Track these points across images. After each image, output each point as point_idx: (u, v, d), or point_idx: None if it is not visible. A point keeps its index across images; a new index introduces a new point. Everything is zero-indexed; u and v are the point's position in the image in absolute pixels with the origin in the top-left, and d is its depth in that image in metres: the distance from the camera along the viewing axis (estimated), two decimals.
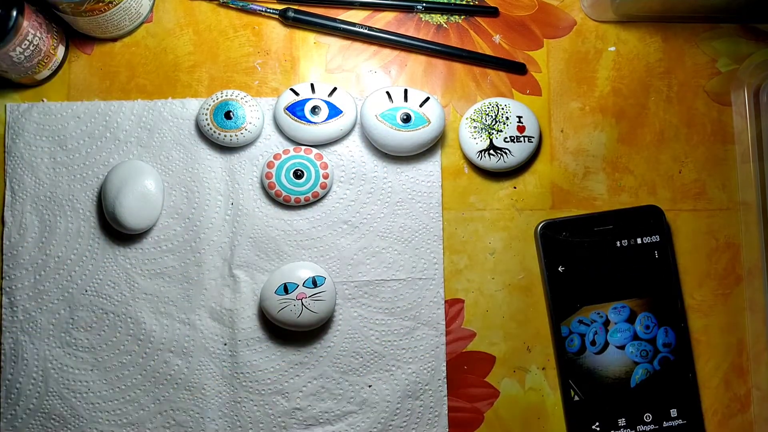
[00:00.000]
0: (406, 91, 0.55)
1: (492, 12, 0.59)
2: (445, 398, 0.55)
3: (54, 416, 0.54)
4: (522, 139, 0.56)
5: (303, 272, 0.54)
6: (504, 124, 0.56)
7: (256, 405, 0.54)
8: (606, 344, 0.54)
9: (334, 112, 0.55)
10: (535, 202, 0.57)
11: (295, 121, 0.55)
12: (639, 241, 0.55)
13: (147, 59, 0.58)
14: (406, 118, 0.55)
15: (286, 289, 0.53)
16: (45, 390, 0.54)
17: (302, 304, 0.53)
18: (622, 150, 0.58)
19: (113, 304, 0.55)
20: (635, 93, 0.58)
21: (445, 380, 0.55)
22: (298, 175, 0.55)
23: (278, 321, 0.53)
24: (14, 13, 0.51)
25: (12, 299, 0.55)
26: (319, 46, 0.58)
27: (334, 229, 0.56)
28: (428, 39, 0.58)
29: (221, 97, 0.55)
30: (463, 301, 0.56)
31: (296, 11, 0.57)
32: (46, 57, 0.55)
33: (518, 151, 0.56)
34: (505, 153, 0.55)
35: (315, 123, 0.55)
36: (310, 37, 0.58)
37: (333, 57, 0.58)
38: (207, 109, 0.55)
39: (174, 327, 0.55)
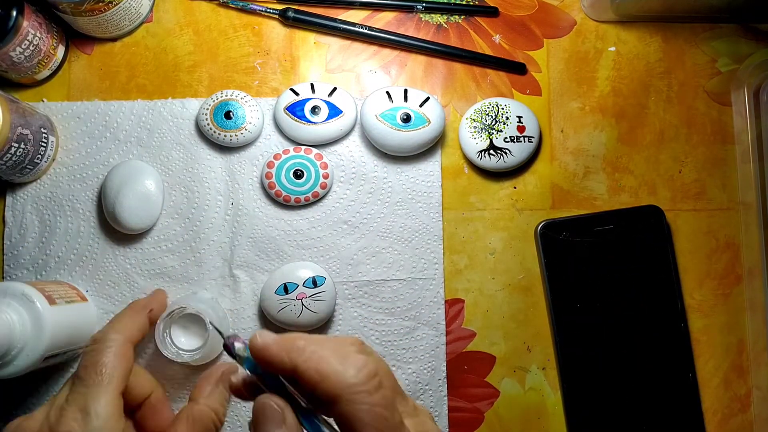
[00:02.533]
0: (406, 91, 0.55)
1: (492, 12, 0.59)
2: (445, 398, 0.55)
3: None
4: (522, 139, 0.56)
5: (303, 272, 0.54)
6: (504, 124, 0.56)
7: None
8: None
9: (334, 112, 0.55)
10: (535, 202, 0.57)
11: (295, 121, 0.55)
12: (639, 241, 0.55)
13: (147, 59, 0.58)
14: (406, 118, 0.55)
15: (286, 289, 0.53)
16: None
17: (302, 304, 0.53)
18: (622, 150, 0.58)
19: (113, 304, 0.55)
20: (635, 93, 0.58)
21: (445, 380, 0.55)
22: (298, 175, 0.55)
23: (278, 321, 0.53)
24: (14, 13, 0.51)
25: None
26: (319, 46, 0.58)
27: (334, 229, 0.56)
28: (428, 39, 0.58)
29: (221, 97, 0.55)
30: (463, 301, 0.56)
31: (296, 11, 0.57)
32: (46, 57, 0.55)
33: (518, 151, 0.56)
34: (505, 153, 0.55)
35: (315, 123, 0.55)
36: (310, 37, 0.58)
37: (333, 57, 0.58)
38: (207, 109, 0.55)
39: None
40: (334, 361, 0.34)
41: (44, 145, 0.54)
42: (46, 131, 0.54)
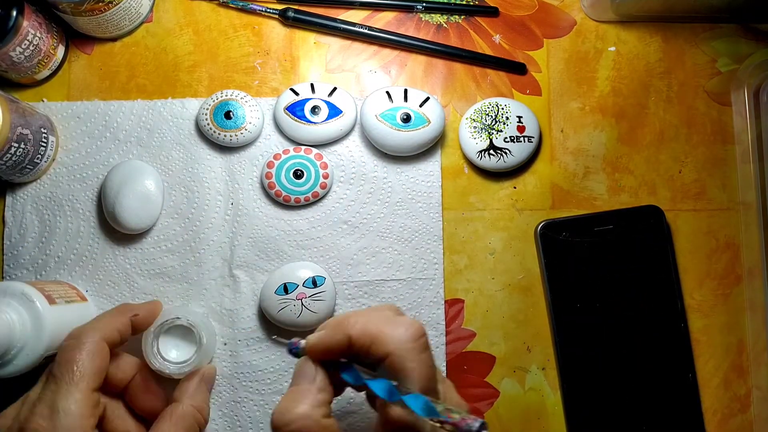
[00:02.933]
0: (406, 91, 0.55)
1: (492, 12, 0.59)
2: None
3: None
4: (522, 139, 0.56)
5: (303, 272, 0.54)
6: (504, 124, 0.56)
7: (256, 405, 0.54)
8: None
9: (334, 112, 0.55)
10: (535, 202, 0.57)
11: (295, 121, 0.55)
12: (639, 241, 0.55)
13: (147, 59, 0.58)
14: (406, 118, 0.55)
15: (285, 289, 0.53)
16: None
17: (302, 304, 0.53)
18: (622, 150, 0.58)
19: (113, 304, 0.55)
20: (635, 93, 0.58)
21: None
22: (298, 175, 0.55)
23: (278, 321, 0.53)
24: (14, 13, 0.51)
25: None
26: (319, 46, 0.58)
27: (334, 229, 0.56)
28: (428, 39, 0.58)
29: (221, 97, 0.55)
30: (463, 301, 0.56)
31: (296, 11, 0.57)
32: (46, 57, 0.55)
33: (518, 151, 0.56)
34: (505, 153, 0.55)
35: (315, 123, 0.55)
36: (310, 37, 0.58)
37: (333, 57, 0.58)
38: (207, 109, 0.55)
39: None
40: (382, 324, 0.38)
41: (44, 145, 0.54)
42: (46, 131, 0.54)
